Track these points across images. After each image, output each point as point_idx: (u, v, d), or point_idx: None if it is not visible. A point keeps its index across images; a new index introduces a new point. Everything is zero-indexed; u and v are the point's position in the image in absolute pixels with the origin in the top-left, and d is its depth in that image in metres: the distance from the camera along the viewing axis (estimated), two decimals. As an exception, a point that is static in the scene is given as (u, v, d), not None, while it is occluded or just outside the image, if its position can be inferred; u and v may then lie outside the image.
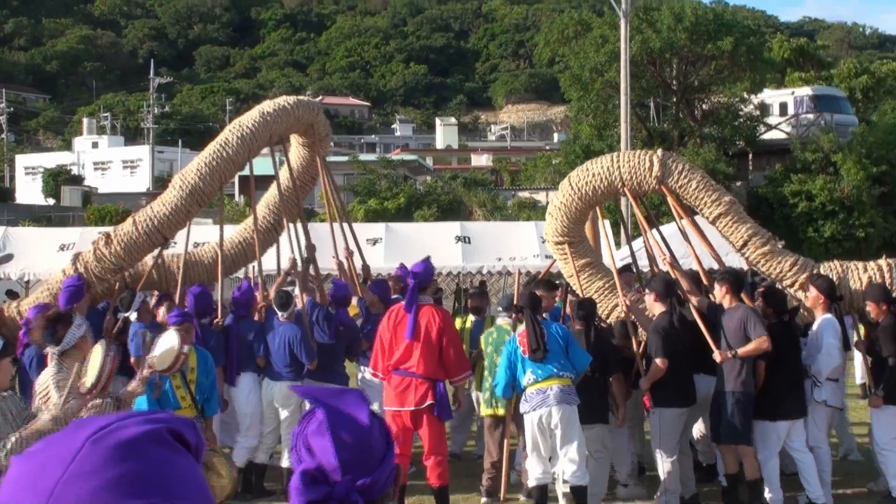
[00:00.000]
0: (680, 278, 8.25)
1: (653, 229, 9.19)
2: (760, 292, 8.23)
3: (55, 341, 5.17)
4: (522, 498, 8.22)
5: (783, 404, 7.59)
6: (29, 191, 56.94)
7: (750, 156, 37.00)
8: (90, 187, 53.90)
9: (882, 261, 8.51)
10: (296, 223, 10.13)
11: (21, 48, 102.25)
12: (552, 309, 8.84)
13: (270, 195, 10.54)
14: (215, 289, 10.03)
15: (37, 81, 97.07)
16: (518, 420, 7.98)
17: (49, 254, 14.50)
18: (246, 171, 10.04)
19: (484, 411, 8.50)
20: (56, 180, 51.91)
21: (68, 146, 69.94)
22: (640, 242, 10.57)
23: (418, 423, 7.50)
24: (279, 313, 8.59)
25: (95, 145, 66.22)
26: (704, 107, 36.64)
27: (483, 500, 8.27)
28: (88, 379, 4.70)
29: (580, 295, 8.81)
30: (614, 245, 11.74)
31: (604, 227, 10.17)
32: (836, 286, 8.06)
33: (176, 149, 61.49)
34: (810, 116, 36.86)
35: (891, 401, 7.81)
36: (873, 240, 30.76)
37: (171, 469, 1.11)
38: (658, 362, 7.66)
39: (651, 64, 34.73)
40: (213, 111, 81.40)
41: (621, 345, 8.38)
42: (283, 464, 8.66)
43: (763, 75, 36.16)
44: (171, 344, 5.53)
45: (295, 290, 9.18)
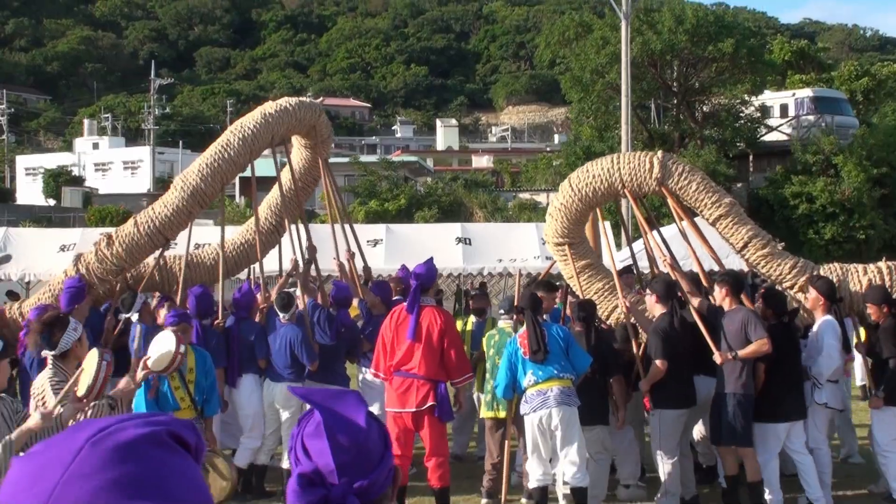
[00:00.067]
0: (680, 280, 8.25)
1: (653, 231, 9.19)
2: (760, 294, 8.23)
3: (51, 345, 5.18)
4: (523, 500, 8.21)
5: (783, 406, 7.59)
6: (29, 191, 56.91)
7: (750, 157, 37.00)
8: (91, 188, 53.87)
9: (882, 263, 8.51)
10: (297, 224, 10.13)
11: (22, 49, 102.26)
12: (552, 310, 8.84)
13: (272, 197, 10.53)
14: (216, 290, 10.03)
15: (37, 82, 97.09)
16: (518, 422, 7.98)
17: (49, 255, 14.50)
18: (247, 173, 10.04)
19: (485, 413, 8.49)
20: (57, 181, 51.91)
21: (69, 147, 69.88)
22: (641, 244, 10.57)
23: (419, 425, 7.50)
24: (280, 314, 8.58)
25: (96, 146, 66.16)
26: (705, 108, 36.64)
27: (483, 502, 8.26)
28: (82, 386, 4.73)
29: (580, 296, 8.81)
30: (615, 247, 11.74)
31: (604, 229, 10.17)
32: (836, 288, 8.06)
33: (176, 150, 61.46)
34: (811, 118, 36.88)
35: (891, 402, 7.82)
36: (874, 242, 30.76)
37: (171, 471, 1.11)
38: (658, 363, 7.67)
39: (652, 66, 34.74)
40: (214, 112, 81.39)
41: (622, 348, 8.38)
42: (284, 465, 8.66)
43: (764, 77, 36.19)
44: (168, 346, 5.56)
45: (296, 292, 9.17)
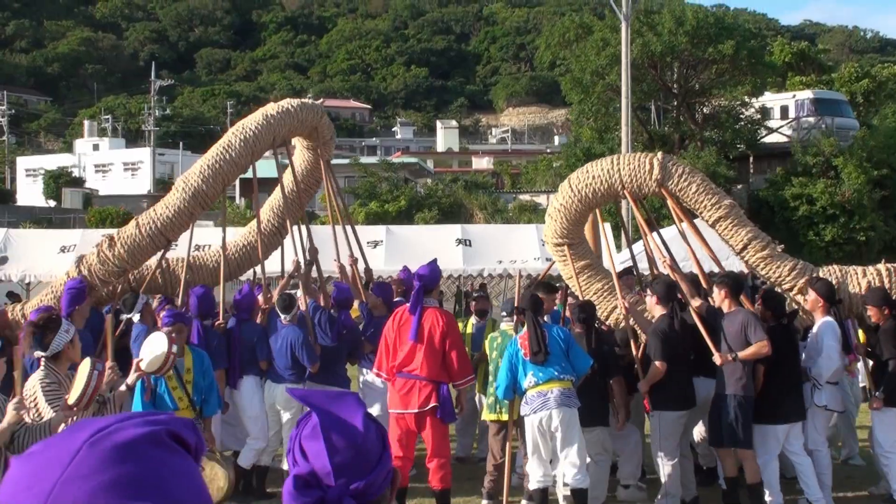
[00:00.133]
0: (680, 281, 8.26)
1: (653, 232, 9.19)
2: (760, 295, 8.24)
3: (42, 346, 5.20)
4: (523, 501, 8.19)
5: (782, 407, 7.59)
6: (30, 193, 56.91)
7: (751, 159, 37.03)
8: (91, 189, 53.89)
9: (881, 265, 8.51)
10: (299, 226, 10.12)
11: (22, 50, 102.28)
12: (552, 312, 8.84)
13: (275, 198, 10.53)
14: (218, 291, 10.02)
15: (38, 84, 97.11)
16: (519, 423, 7.98)
17: (50, 256, 14.51)
18: (248, 174, 10.05)
19: (487, 416, 8.45)
20: (57, 182, 51.92)
21: (69, 148, 69.85)
22: (641, 246, 10.58)
23: (422, 426, 7.49)
24: (282, 316, 8.57)
25: (96, 147, 66.14)
26: (705, 110, 36.67)
27: (484, 503, 8.27)
28: (73, 394, 4.75)
29: (579, 297, 8.81)
30: (615, 248, 11.75)
31: (604, 231, 10.17)
32: (836, 290, 8.07)
33: (177, 151, 61.45)
34: (811, 120, 36.92)
35: (891, 403, 7.82)
36: (874, 243, 30.78)
37: (170, 471, 1.11)
38: (657, 365, 7.67)
39: (652, 67, 34.76)
40: (214, 114, 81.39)
41: (622, 353, 8.38)
42: (285, 466, 8.65)
43: (764, 79, 36.20)
44: (160, 348, 5.60)
45: (298, 293, 9.17)
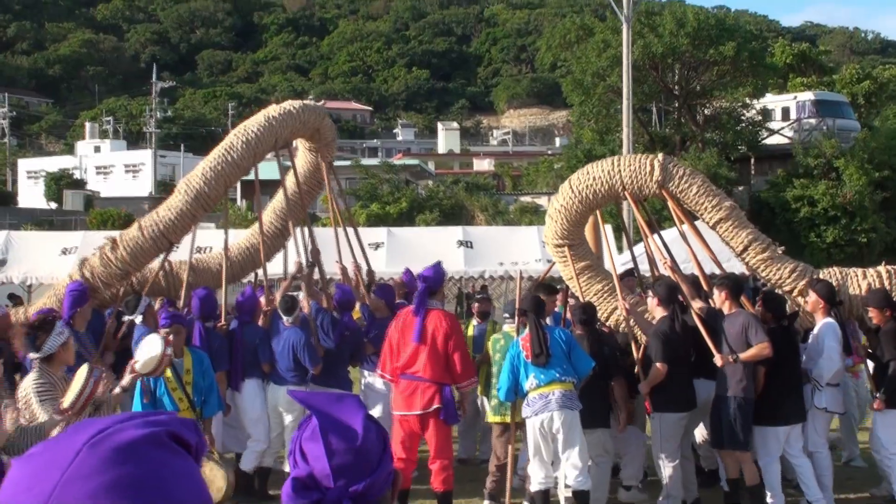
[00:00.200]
0: (680, 283, 8.26)
1: (654, 234, 9.18)
2: (760, 297, 8.24)
3: (36, 348, 5.22)
4: (525, 503, 8.21)
5: (782, 409, 7.58)
6: (31, 195, 56.98)
7: (752, 161, 37.06)
8: (92, 191, 53.96)
9: (881, 267, 8.51)
10: (302, 228, 10.12)
11: (24, 52, 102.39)
12: (553, 313, 8.83)
13: (277, 200, 10.53)
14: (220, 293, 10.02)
15: (39, 85, 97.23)
16: (522, 424, 7.97)
17: (51, 258, 14.53)
18: (250, 176, 10.05)
19: (492, 418, 8.43)
20: (58, 184, 52.01)
21: (70, 150, 69.92)
22: (642, 247, 10.57)
23: (425, 427, 7.50)
24: (284, 318, 8.56)
25: (98, 149, 66.19)
26: (706, 112, 36.69)
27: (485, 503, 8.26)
28: (68, 398, 4.77)
29: (580, 298, 8.81)
30: (616, 250, 11.74)
31: (605, 232, 10.17)
32: (836, 291, 8.07)
33: (178, 153, 61.48)
34: (812, 121, 36.92)
35: (893, 405, 7.82)
36: (875, 245, 30.79)
37: (171, 472, 1.11)
38: (658, 366, 7.66)
39: (653, 69, 34.78)
40: (216, 115, 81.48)
41: (624, 359, 8.37)
42: (287, 468, 8.62)
43: (765, 80, 36.23)
44: (155, 350, 5.63)
45: (300, 295, 9.17)
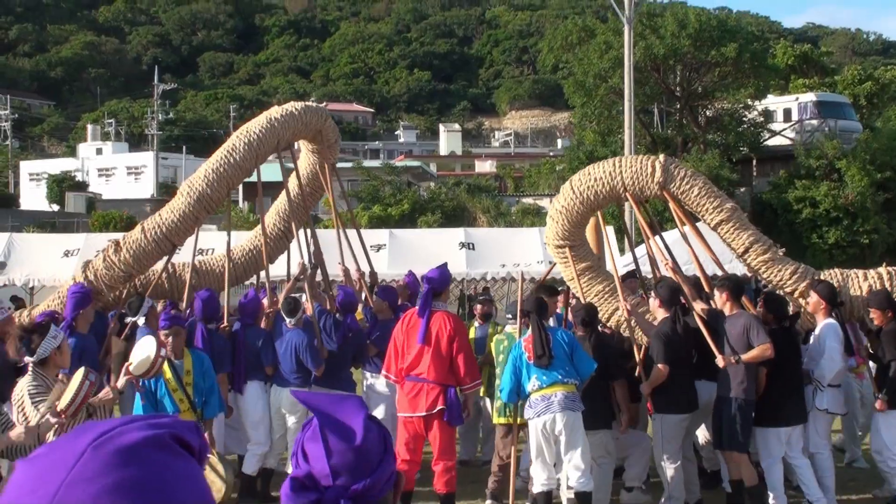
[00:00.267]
0: (682, 284, 8.26)
1: (655, 236, 9.17)
2: (762, 298, 8.24)
3: (30, 351, 5.24)
4: (527, 504, 8.21)
5: (783, 410, 7.58)
6: (33, 197, 57.08)
7: (754, 162, 37.06)
8: (94, 193, 54.05)
9: (882, 268, 8.51)
10: (305, 230, 10.12)
11: (25, 54, 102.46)
12: (554, 314, 8.83)
13: (281, 202, 10.53)
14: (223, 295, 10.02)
15: (41, 88, 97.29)
16: (525, 425, 7.97)
17: (53, 260, 14.57)
18: (253, 177, 10.06)
19: (497, 420, 8.43)
20: (60, 186, 52.12)
21: (72, 152, 69.97)
22: (644, 249, 10.57)
23: (429, 429, 7.51)
24: (287, 319, 8.55)
25: (100, 151, 66.28)
26: (708, 113, 36.70)
27: (487, 503, 8.26)
28: (63, 401, 4.80)
29: (581, 299, 8.81)
30: (618, 251, 11.73)
31: (606, 234, 10.17)
32: (837, 292, 8.07)
33: (180, 155, 61.45)
34: (814, 122, 36.91)
35: (895, 405, 7.83)
36: (877, 246, 30.79)
37: (173, 474, 1.11)
38: (660, 367, 7.66)
39: (655, 70, 34.79)
40: (217, 117, 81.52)
41: (625, 363, 8.38)
42: (290, 470, 8.61)
43: (767, 81, 36.23)
44: (148, 351, 5.67)
45: (303, 297, 9.17)
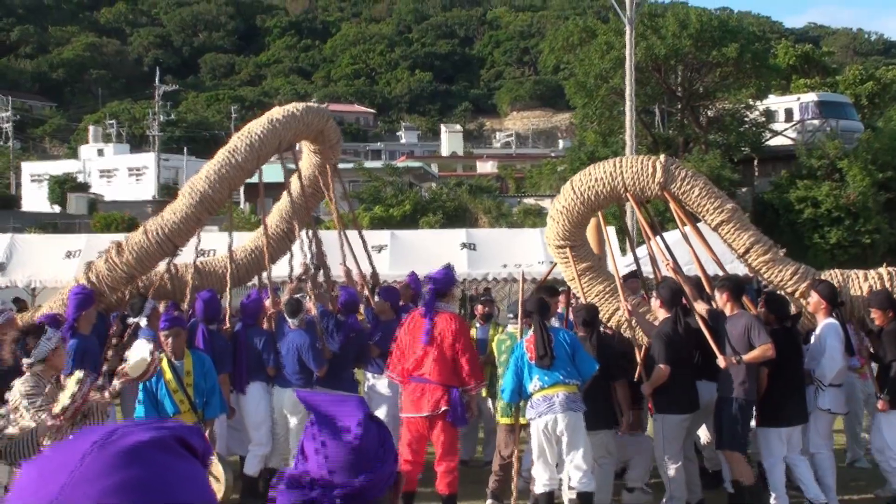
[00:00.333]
0: (683, 284, 8.26)
1: (656, 236, 9.17)
2: (763, 298, 8.24)
3: (26, 353, 5.25)
4: (529, 504, 8.20)
5: (785, 410, 7.58)
6: (35, 198, 57.09)
7: (755, 162, 37.03)
8: (96, 195, 54.06)
9: (882, 269, 8.51)
10: (307, 230, 10.12)
11: (27, 56, 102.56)
12: (556, 314, 8.82)
13: (283, 203, 10.54)
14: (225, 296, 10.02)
15: (43, 89, 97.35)
16: (527, 425, 7.96)
17: (55, 261, 14.56)
18: (254, 178, 10.05)
19: (501, 420, 8.41)
20: (62, 188, 52.14)
21: (74, 154, 70.08)
22: (645, 249, 10.57)
23: (432, 429, 7.52)
24: (289, 320, 8.56)
25: (101, 153, 66.33)
26: (710, 113, 36.69)
27: (489, 503, 8.26)
28: (59, 403, 4.81)
29: (582, 299, 8.81)
30: (619, 252, 11.73)
31: (607, 234, 10.17)
32: (838, 292, 8.07)
33: (181, 156, 61.55)
34: (816, 122, 36.90)
35: (896, 405, 7.83)
36: (879, 246, 30.75)
37: (176, 476, 1.12)
38: (661, 367, 7.66)
39: (656, 70, 34.79)
40: (219, 119, 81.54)
41: (624, 364, 8.38)
42: (292, 469, 8.61)
43: (768, 82, 36.22)
44: (143, 354, 5.69)
45: (305, 297, 9.17)
